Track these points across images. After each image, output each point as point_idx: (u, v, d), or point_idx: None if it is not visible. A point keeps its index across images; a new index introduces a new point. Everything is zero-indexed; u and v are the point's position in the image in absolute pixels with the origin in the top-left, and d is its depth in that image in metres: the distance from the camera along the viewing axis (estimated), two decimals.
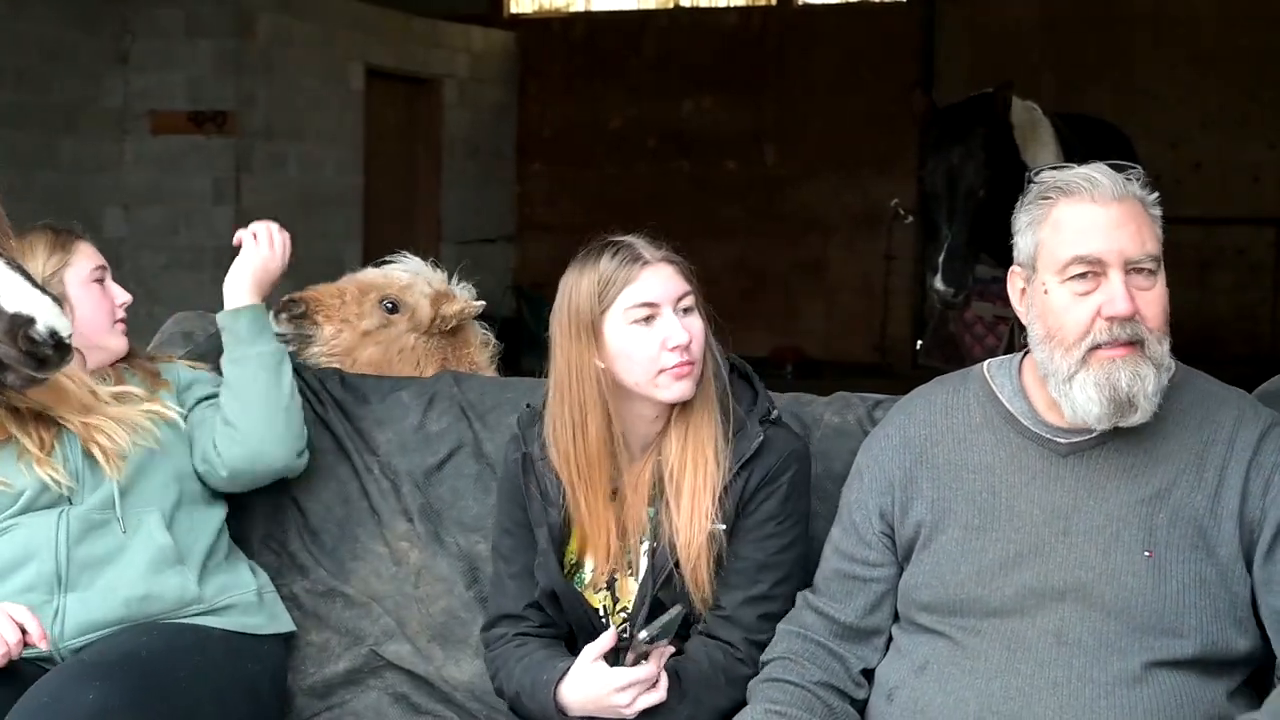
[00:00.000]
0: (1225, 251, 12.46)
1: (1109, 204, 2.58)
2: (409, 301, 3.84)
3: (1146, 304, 2.57)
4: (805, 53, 13.97)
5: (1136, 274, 2.57)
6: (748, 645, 2.85)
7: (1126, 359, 2.55)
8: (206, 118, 11.44)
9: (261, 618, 3.29)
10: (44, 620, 3.05)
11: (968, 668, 2.62)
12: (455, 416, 3.51)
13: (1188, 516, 2.58)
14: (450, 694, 3.31)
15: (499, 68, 14.78)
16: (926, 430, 2.79)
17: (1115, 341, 2.55)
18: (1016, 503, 2.66)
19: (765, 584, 2.86)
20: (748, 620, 2.86)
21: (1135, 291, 2.56)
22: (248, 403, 3.29)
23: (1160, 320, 2.59)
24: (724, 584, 2.86)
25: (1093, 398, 2.56)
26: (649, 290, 2.85)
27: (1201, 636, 2.55)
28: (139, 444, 3.22)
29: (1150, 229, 2.60)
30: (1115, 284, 2.55)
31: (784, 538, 2.88)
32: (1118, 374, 2.55)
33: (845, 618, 2.79)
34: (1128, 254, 2.56)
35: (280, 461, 3.34)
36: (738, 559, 2.86)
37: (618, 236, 2.93)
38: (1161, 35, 12.77)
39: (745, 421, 2.90)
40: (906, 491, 2.76)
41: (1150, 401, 2.57)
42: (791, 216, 14.03)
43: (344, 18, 12.53)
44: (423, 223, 13.66)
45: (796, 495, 2.90)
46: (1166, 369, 2.60)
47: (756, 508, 2.87)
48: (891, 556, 2.79)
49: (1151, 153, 9.27)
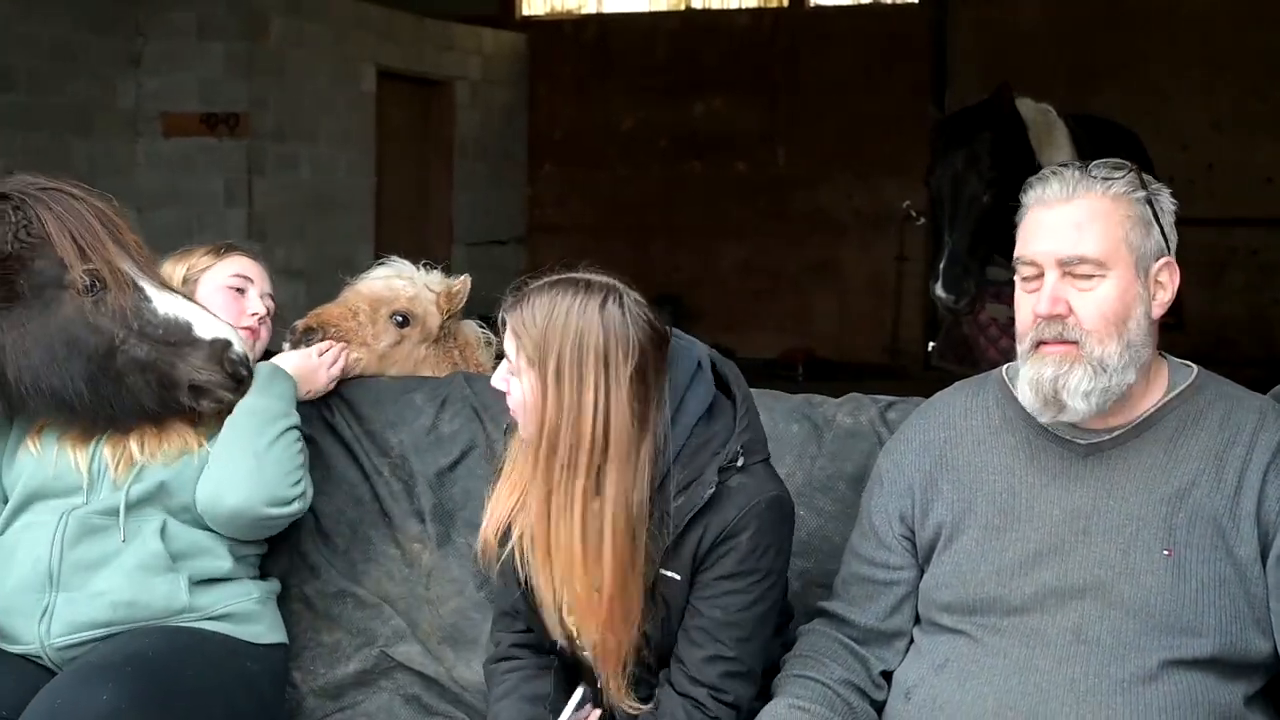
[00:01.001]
0: (1238, 252, 12.44)
1: (1053, 205, 2.64)
2: (418, 312, 3.80)
3: (1083, 304, 2.61)
4: (817, 54, 13.95)
5: (1073, 276, 2.61)
6: (714, 702, 2.74)
7: (1058, 357, 2.61)
8: (219, 120, 11.45)
9: (259, 627, 3.30)
10: (33, 618, 3.13)
11: (987, 665, 2.63)
12: (468, 417, 3.51)
13: (1207, 516, 2.58)
14: (461, 695, 3.31)
15: (510, 69, 14.78)
16: (946, 433, 2.80)
17: (1052, 339, 2.62)
18: (1036, 503, 2.67)
19: (727, 643, 2.72)
20: (710, 678, 2.74)
21: (1073, 292, 2.61)
22: (224, 443, 3.28)
23: (1099, 321, 2.61)
24: (688, 639, 2.76)
25: (1025, 392, 2.65)
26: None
27: (1220, 636, 2.56)
28: (163, 460, 3.25)
29: (1103, 229, 2.61)
30: (1046, 284, 2.62)
31: (745, 595, 2.72)
32: (1044, 369, 2.62)
33: (866, 621, 2.80)
34: (1058, 255, 2.61)
35: (238, 505, 3.22)
36: (698, 615, 2.74)
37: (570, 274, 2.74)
38: (1174, 36, 12.74)
39: (704, 469, 2.71)
40: (926, 494, 2.77)
41: (1083, 400, 2.60)
42: (803, 217, 14.01)
43: (355, 19, 12.54)
44: (434, 224, 13.66)
45: (761, 551, 2.71)
46: (1115, 372, 2.60)
47: (714, 564, 2.71)
48: (912, 560, 2.79)
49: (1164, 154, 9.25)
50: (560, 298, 2.67)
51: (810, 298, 14.10)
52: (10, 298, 3.08)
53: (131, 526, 3.20)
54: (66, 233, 3.09)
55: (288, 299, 3.66)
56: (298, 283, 11.49)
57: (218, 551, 3.28)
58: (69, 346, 3.10)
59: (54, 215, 3.10)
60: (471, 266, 4.08)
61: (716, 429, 2.77)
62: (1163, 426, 2.64)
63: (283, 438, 3.28)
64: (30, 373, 3.10)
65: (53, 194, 3.13)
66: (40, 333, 3.09)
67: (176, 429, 3.27)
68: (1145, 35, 12.83)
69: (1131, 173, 2.66)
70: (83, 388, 3.12)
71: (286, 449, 3.29)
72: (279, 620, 3.38)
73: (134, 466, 3.24)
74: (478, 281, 3.97)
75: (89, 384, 3.12)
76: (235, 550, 3.32)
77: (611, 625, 2.72)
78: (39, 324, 3.08)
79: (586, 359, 2.64)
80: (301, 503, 3.32)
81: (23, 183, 3.15)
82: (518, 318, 2.69)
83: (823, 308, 14.04)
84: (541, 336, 2.65)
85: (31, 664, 3.14)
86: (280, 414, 3.31)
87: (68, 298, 3.09)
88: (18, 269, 3.08)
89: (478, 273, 4.07)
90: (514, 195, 14.86)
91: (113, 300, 3.11)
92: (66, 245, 3.08)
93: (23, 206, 3.10)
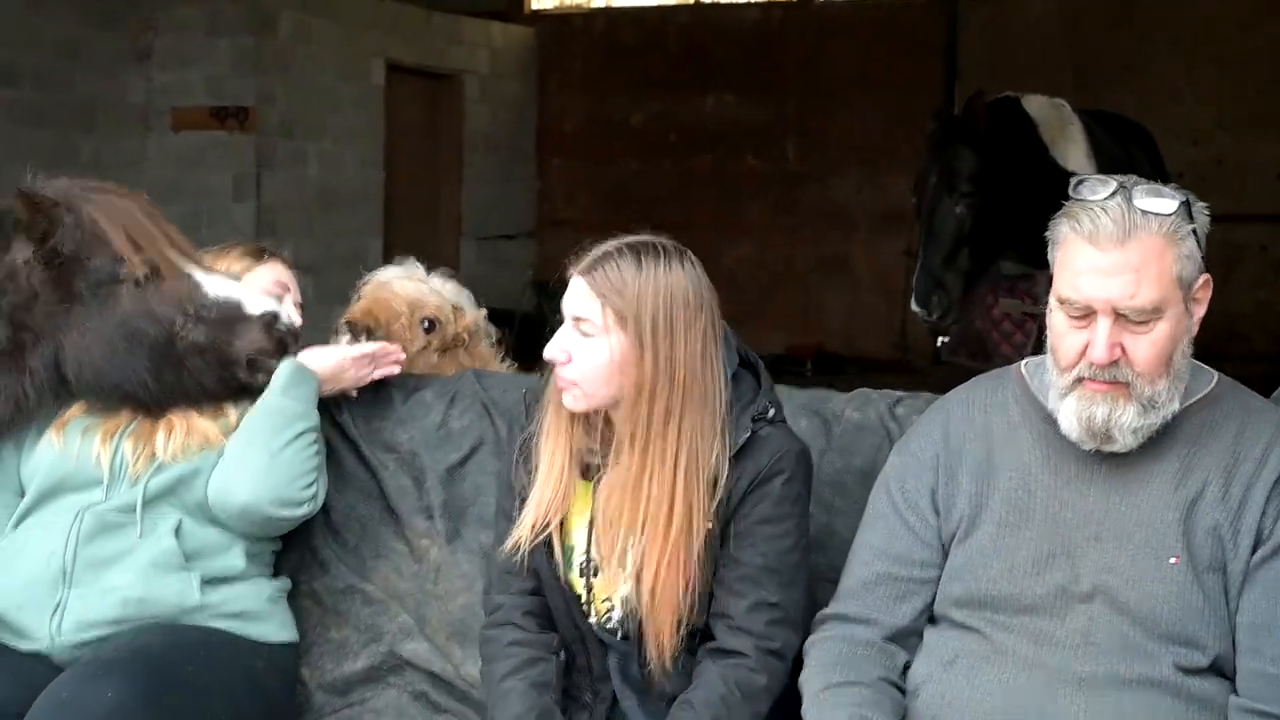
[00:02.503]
0: (1247, 248, 12.41)
1: (1108, 250, 2.52)
2: (443, 320, 3.82)
3: (1138, 347, 2.54)
4: (826, 49, 13.94)
5: (1128, 320, 2.54)
6: (759, 653, 2.80)
7: (1108, 394, 2.56)
8: (228, 114, 11.45)
9: (269, 625, 3.31)
10: (44, 615, 3.15)
11: (995, 662, 2.62)
12: (477, 414, 3.51)
13: (1210, 527, 2.57)
14: (469, 691, 3.31)
15: (519, 63, 14.77)
16: (965, 428, 2.78)
17: (1096, 379, 2.56)
18: (1050, 503, 2.66)
19: (771, 588, 2.81)
20: (758, 627, 2.80)
21: (1126, 335, 2.54)
22: (239, 440, 3.30)
23: (1151, 364, 2.55)
24: (729, 591, 2.82)
25: (1072, 423, 2.60)
26: (565, 299, 2.86)
27: (1222, 646, 2.55)
28: (186, 456, 3.27)
29: (1158, 272, 2.52)
30: (1099, 332, 2.54)
31: (785, 540, 2.82)
32: (1095, 408, 2.57)
33: (897, 622, 2.75)
34: (1116, 304, 2.52)
35: (247, 502, 3.26)
36: (739, 565, 2.81)
37: (636, 239, 2.88)
38: (1181, 33, 12.71)
39: (737, 419, 2.85)
40: (949, 487, 2.75)
41: (1132, 435, 2.58)
42: (813, 213, 14.00)
43: (364, 14, 12.53)
44: (443, 219, 13.66)
45: (794, 498, 2.84)
46: (1163, 406, 2.58)
47: (750, 509, 2.82)
48: (942, 555, 2.75)
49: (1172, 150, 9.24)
50: (644, 258, 2.82)
51: (820, 293, 14.09)
52: (68, 298, 3.12)
53: (148, 523, 3.22)
54: (120, 227, 3.13)
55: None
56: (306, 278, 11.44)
57: (233, 550, 3.29)
58: (130, 339, 3.13)
59: (104, 213, 3.14)
60: (480, 261, 4.08)
61: (742, 388, 2.90)
62: (1179, 435, 2.62)
63: (299, 439, 3.29)
64: (92, 369, 3.14)
65: (97, 192, 3.18)
66: (100, 329, 3.13)
67: (200, 425, 3.30)
68: (1154, 32, 12.81)
69: (1182, 205, 2.56)
70: (146, 378, 3.16)
71: (301, 451, 3.30)
72: (289, 618, 3.38)
73: (154, 462, 3.25)
74: (487, 275, 3.96)
75: (153, 374, 3.16)
76: (250, 549, 3.33)
77: (679, 573, 2.80)
78: (98, 320, 3.12)
79: (677, 314, 2.80)
80: (312, 505, 3.33)
81: (67, 185, 3.19)
82: (602, 281, 2.80)
83: (832, 303, 14.03)
84: (636, 296, 2.78)
85: (36, 663, 3.14)
86: (299, 415, 3.30)
87: (124, 291, 3.13)
88: (75, 269, 3.13)
89: (487, 267, 4.06)
90: (523, 190, 14.85)
91: (167, 288, 3.15)
92: (121, 239, 3.12)
93: (74, 207, 3.15)
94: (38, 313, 3.11)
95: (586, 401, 2.84)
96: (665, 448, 2.79)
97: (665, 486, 2.79)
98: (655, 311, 2.78)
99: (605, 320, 2.80)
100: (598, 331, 2.80)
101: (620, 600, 2.91)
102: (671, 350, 2.79)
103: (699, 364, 2.81)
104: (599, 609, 2.93)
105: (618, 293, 2.79)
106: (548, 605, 2.98)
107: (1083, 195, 2.59)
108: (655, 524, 2.79)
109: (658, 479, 2.79)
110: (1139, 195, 2.55)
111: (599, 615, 2.93)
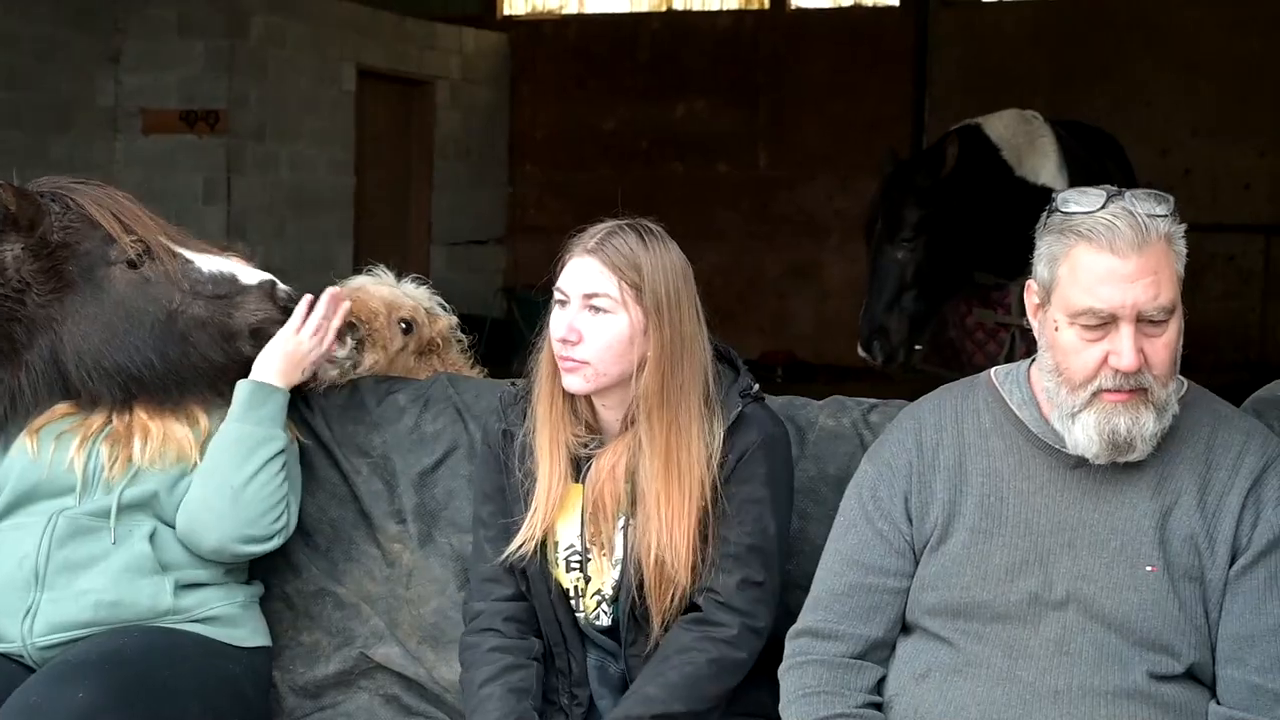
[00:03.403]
0: (1216, 259, 12.48)
1: (1128, 256, 2.51)
2: (419, 321, 3.80)
3: (1155, 350, 2.55)
4: (798, 56, 13.98)
5: (1148, 323, 2.54)
6: (743, 630, 2.85)
7: (1129, 404, 2.55)
8: (198, 117, 11.42)
9: (242, 630, 3.28)
10: (17, 616, 3.12)
11: (969, 675, 2.61)
12: (451, 418, 3.50)
13: (1186, 535, 2.58)
14: (442, 695, 3.30)
15: (491, 69, 14.77)
16: (937, 436, 2.77)
17: (1119, 389, 2.54)
18: (1024, 510, 2.66)
19: (757, 567, 2.86)
20: (744, 605, 2.85)
21: (1144, 340, 2.53)
22: (203, 473, 3.23)
23: (1167, 366, 2.56)
24: (717, 569, 2.86)
25: (1092, 438, 2.57)
26: (565, 279, 2.90)
27: (1197, 654, 2.56)
28: (163, 463, 3.24)
29: (1169, 274, 2.54)
30: (1124, 338, 2.52)
31: (771, 520, 2.88)
32: (1118, 419, 2.55)
33: (872, 633, 2.73)
34: (1141, 308, 2.51)
35: (215, 545, 3.20)
36: (728, 543, 2.86)
37: (629, 220, 2.95)
38: (1153, 42, 12.78)
39: (725, 395, 2.91)
40: (922, 495, 2.74)
41: (1148, 443, 2.57)
42: (784, 220, 14.03)
43: (336, 18, 12.52)
44: (414, 224, 13.65)
45: (779, 478, 2.92)
46: (1170, 409, 2.58)
47: (739, 488, 2.87)
48: (914, 564, 2.74)
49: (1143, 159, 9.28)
50: (645, 236, 2.91)
51: (791, 300, 14.13)
52: (61, 287, 3.14)
53: (122, 530, 3.18)
54: (108, 211, 3.17)
55: None
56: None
57: (206, 561, 3.26)
58: (130, 320, 3.15)
59: (91, 199, 3.19)
60: (450, 267, 4.08)
61: (723, 369, 2.98)
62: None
63: (263, 470, 3.21)
64: (92, 355, 3.15)
65: (81, 184, 3.23)
66: (98, 313, 3.14)
67: (176, 433, 3.26)
68: (1126, 40, 12.87)
69: (1171, 210, 2.57)
70: (151, 357, 3.17)
71: (265, 485, 3.21)
72: (262, 623, 3.36)
73: (130, 469, 3.21)
74: (458, 281, 3.95)
75: (157, 352, 3.17)
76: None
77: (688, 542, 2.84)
78: (94, 305, 3.13)
79: (681, 286, 2.89)
80: (281, 537, 3.28)
81: (52, 180, 3.24)
82: (615, 255, 2.86)
83: (803, 310, 14.06)
84: (649, 269, 2.86)
85: (12, 663, 3.12)
86: (260, 441, 3.22)
87: (118, 273, 3.16)
88: (66, 256, 3.15)
89: (458, 272, 4.06)
90: (495, 195, 14.85)
91: (161, 267, 3.17)
92: (110, 222, 3.16)
93: (59, 198, 3.18)
94: (30, 305, 3.12)
95: (596, 382, 2.87)
96: (687, 416, 2.84)
97: (692, 454, 2.83)
98: (666, 283, 2.86)
99: (622, 294, 2.84)
100: (614, 306, 2.85)
101: (611, 588, 2.92)
102: (681, 322, 2.87)
103: (699, 336, 2.90)
104: (588, 605, 2.94)
105: (633, 267, 2.85)
106: (529, 610, 2.99)
107: (1075, 208, 2.57)
108: (681, 494, 2.83)
109: (685, 447, 2.84)
110: (1138, 200, 2.55)
111: (588, 610, 2.93)
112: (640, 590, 2.88)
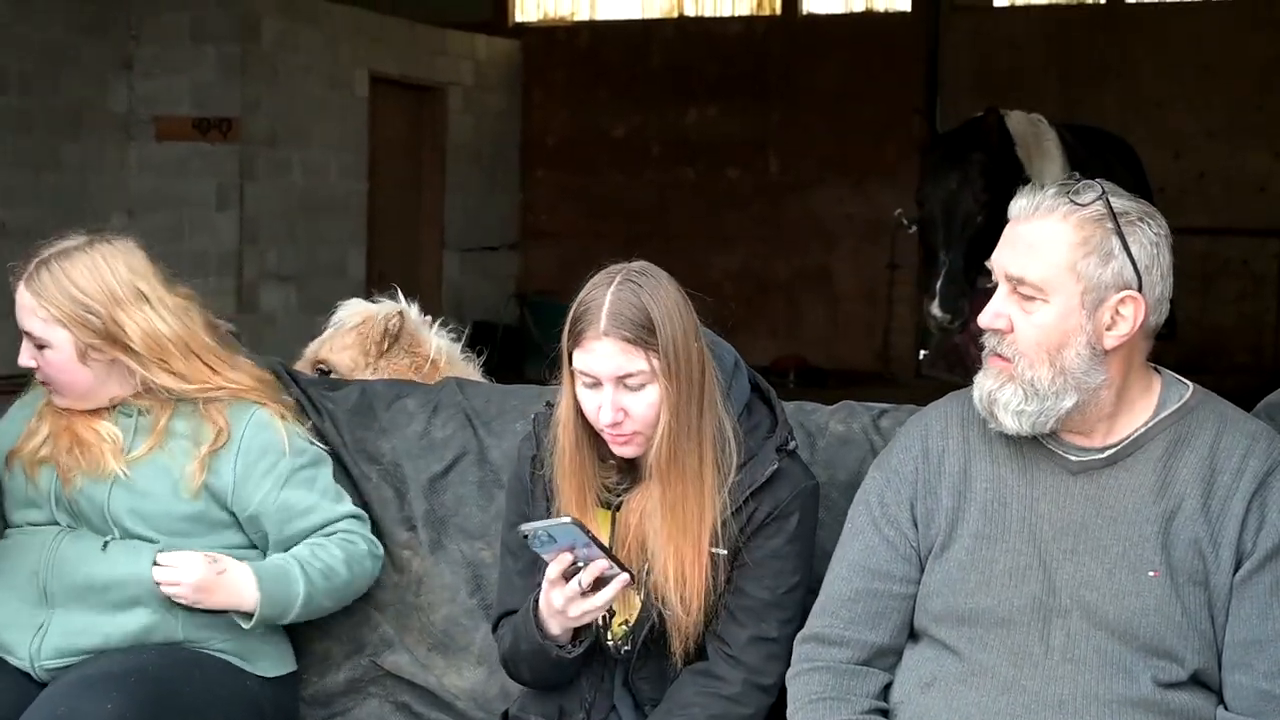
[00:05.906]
0: (1230, 262, 12.45)
1: (1015, 224, 2.64)
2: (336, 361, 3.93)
3: (1022, 325, 2.60)
4: (809, 62, 13.98)
5: (1019, 294, 2.60)
6: (748, 687, 2.80)
7: (999, 372, 2.63)
8: (211, 124, 11.45)
9: (264, 662, 3.23)
10: (27, 633, 3.09)
11: (974, 684, 2.60)
12: (460, 424, 3.50)
13: (1190, 540, 2.57)
14: (452, 702, 3.30)
15: (503, 76, 14.79)
16: (943, 442, 2.77)
17: (993, 352, 2.65)
18: (1027, 515, 2.65)
19: (772, 623, 2.81)
20: (753, 660, 2.80)
21: (1017, 310, 2.60)
22: None
23: (1031, 346, 2.58)
24: (731, 620, 2.82)
25: (976, 396, 2.68)
26: (590, 362, 2.76)
27: (1201, 660, 2.55)
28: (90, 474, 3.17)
29: (1050, 254, 2.56)
30: (996, 296, 2.64)
31: (792, 576, 2.82)
32: (987, 381, 2.65)
33: (879, 640, 2.72)
34: (1007, 270, 2.62)
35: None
36: (744, 595, 2.81)
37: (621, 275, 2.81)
38: (1166, 45, 12.77)
39: (759, 449, 2.84)
40: (928, 502, 2.74)
41: (1014, 419, 2.60)
42: (795, 225, 14.03)
43: (349, 25, 12.55)
44: (426, 230, 13.66)
45: (806, 534, 2.85)
46: (1043, 396, 2.59)
47: (764, 542, 2.81)
48: (921, 570, 2.74)
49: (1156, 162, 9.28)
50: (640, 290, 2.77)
51: (802, 305, 14.13)
52: None
53: (128, 557, 3.11)
54: None
55: (278, 303, 3.66)
56: (288, 287, 11.47)
57: None
58: None
59: None
60: (463, 273, 4.10)
61: (758, 417, 2.91)
62: (1154, 447, 2.61)
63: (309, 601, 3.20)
64: None
65: None
66: None
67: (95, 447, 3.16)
68: (1138, 44, 12.87)
69: (1099, 200, 2.58)
70: None
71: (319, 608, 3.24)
72: (284, 649, 3.31)
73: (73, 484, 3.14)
74: (470, 286, 3.97)
75: None
76: None
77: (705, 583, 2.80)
78: None
79: (682, 326, 2.78)
80: (368, 579, 3.34)
81: None
82: (632, 331, 2.74)
83: (814, 315, 14.07)
84: (658, 328, 2.74)
85: (20, 675, 3.09)
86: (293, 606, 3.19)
87: None
88: None
89: (470, 278, 4.08)
90: (506, 201, 14.86)
91: None
92: None
93: None
94: None
95: (647, 444, 2.82)
96: (701, 453, 2.79)
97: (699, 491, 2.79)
98: (672, 334, 2.76)
99: (650, 364, 2.75)
100: (648, 378, 2.76)
101: (636, 619, 2.88)
102: (689, 361, 2.78)
103: (705, 364, 2.81)
104: (615, 632, 2.91)
105: (647, 329, 2.74)
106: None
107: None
108: (695, 532, 2.79)
109: (693, 486, 2.79)
110: (1065, 187, 2.63)
111: (615, 638, 2.91)
112: (661, 623, 2.84)
